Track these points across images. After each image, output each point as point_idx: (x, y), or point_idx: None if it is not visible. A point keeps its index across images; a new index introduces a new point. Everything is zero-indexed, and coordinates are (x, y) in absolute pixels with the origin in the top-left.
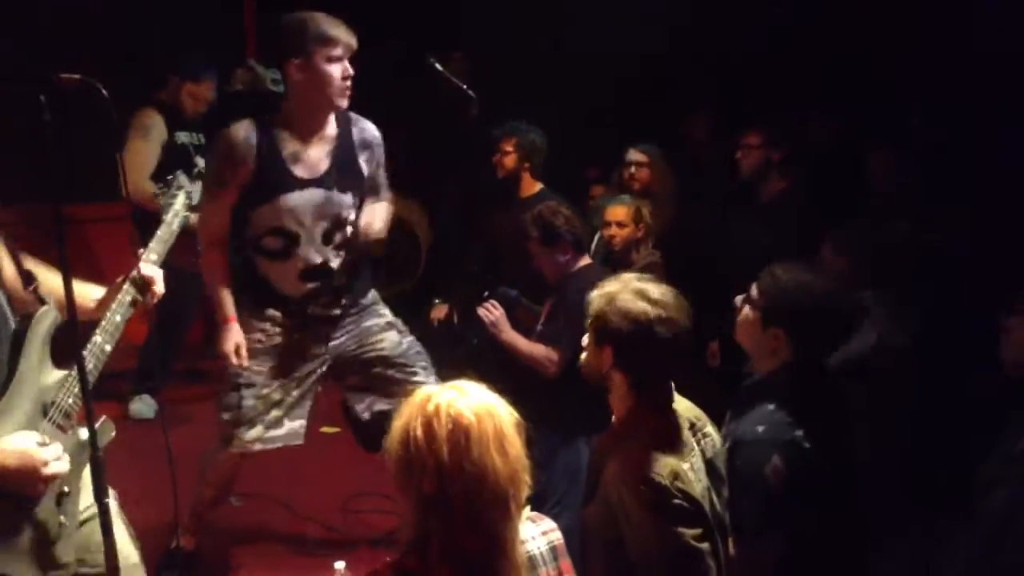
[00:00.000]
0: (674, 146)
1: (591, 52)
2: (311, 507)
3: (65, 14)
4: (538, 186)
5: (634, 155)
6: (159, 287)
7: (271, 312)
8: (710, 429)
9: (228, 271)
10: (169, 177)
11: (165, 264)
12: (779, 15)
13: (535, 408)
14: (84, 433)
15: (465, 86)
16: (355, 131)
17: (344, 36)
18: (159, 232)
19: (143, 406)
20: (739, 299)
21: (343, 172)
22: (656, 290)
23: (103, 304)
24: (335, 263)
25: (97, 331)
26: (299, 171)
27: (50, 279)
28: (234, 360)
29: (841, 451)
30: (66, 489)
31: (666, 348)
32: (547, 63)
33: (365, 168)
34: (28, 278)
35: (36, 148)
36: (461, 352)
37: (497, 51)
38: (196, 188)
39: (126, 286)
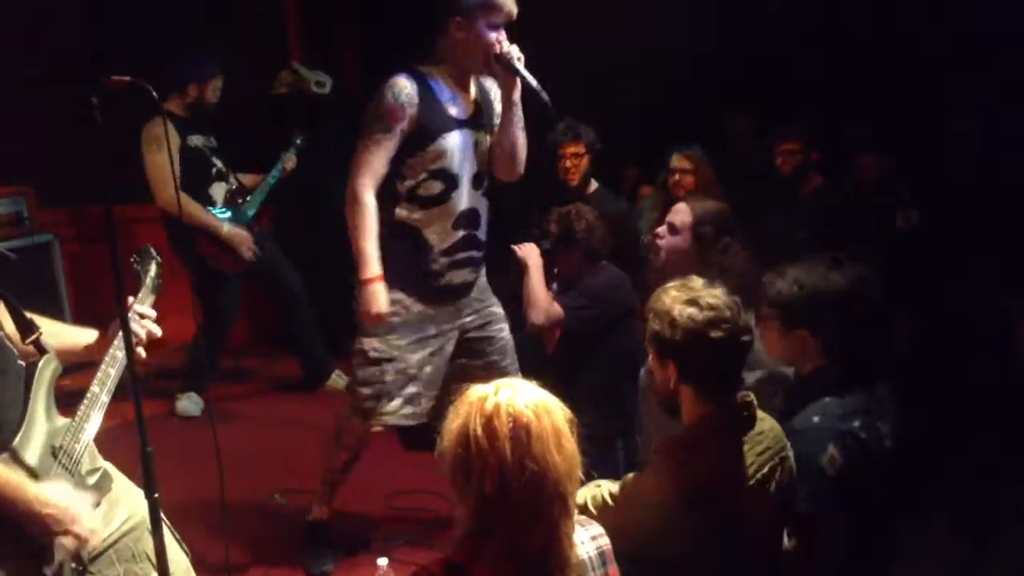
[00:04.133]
0: (715, 142)
1: (629, 52)
2: (352, 504)
3: (103, 17)
4: (595, 184)
5: (677, 161)
6: (154, 330)
7: (408, 283)
8: (788, 453)
9: (377, 225)
10: (141, 249)
11: (203, 268)
12: None
13: (579, 414)
14: (90, 480)
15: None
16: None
17: (508, 5)
18: (140, 295)
19: (189, 404)
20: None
21: (488, 115)
22: (706, 293)
23: (91, 351)
24: (481, 209)
25: (94, 382)
26: (455, 112)
27: (47, 328)
28: (380, 321)
29: (895, 442)
30: (75, 549)
31: (724, 349)
32: (585, 63)
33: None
34: (29, 328)
35: (85, 150)
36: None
37: (536, 51)
38: (220, 189)
39: (117, 341)
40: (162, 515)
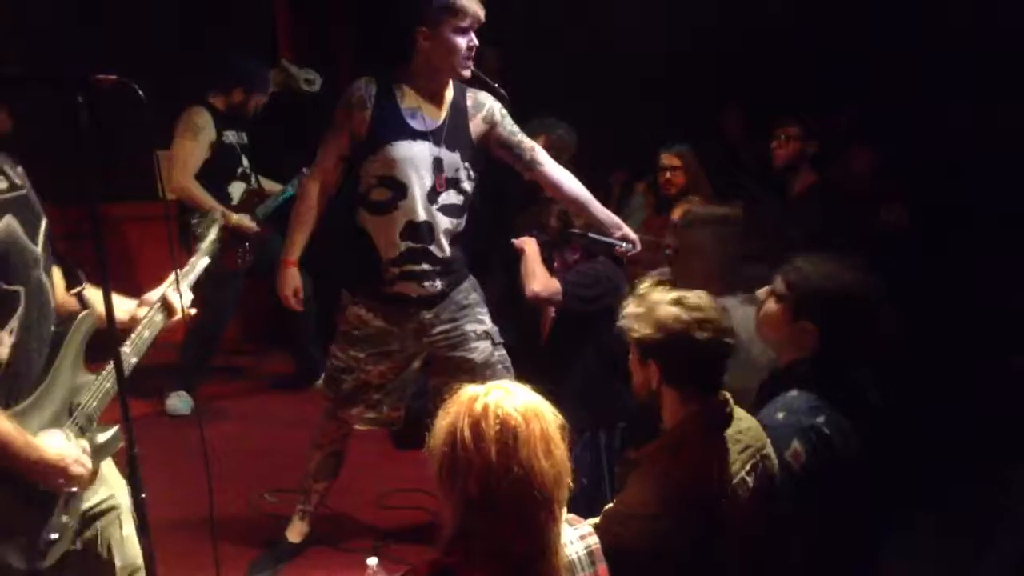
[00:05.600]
0: (707, 142)
1: (619, 51)
2: (344, 503)
3: (102, 13)
4: None
5: (667, 159)
6: (177, 314)
7: (369, 298)
8: (768, 451)
9: (313, 219)
10: (204, 213)
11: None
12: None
13: (564, 407)
14: (101, 437)
15: (497, 84)
16: (469, 95)
17: (472, 8)
18: (193, 260)
19: (179, 402)
20: (761, 292)
21: (455, 132)
22: (690, 295)
23: (135, 319)
24: (437, 225)
25: (127, 343)
26: (413, 123)
27: (90, 292)
28: (292, 304)
29: (864, 441)
30: (74, 489)
31: (708, 351)
32: (577, 61)
33: (479, 128)
34: (75, 280)
35: (74, 148)
36: None
37: (528, 49)
38: (239, 188)
39: (158, 304)
40: (131, 507)
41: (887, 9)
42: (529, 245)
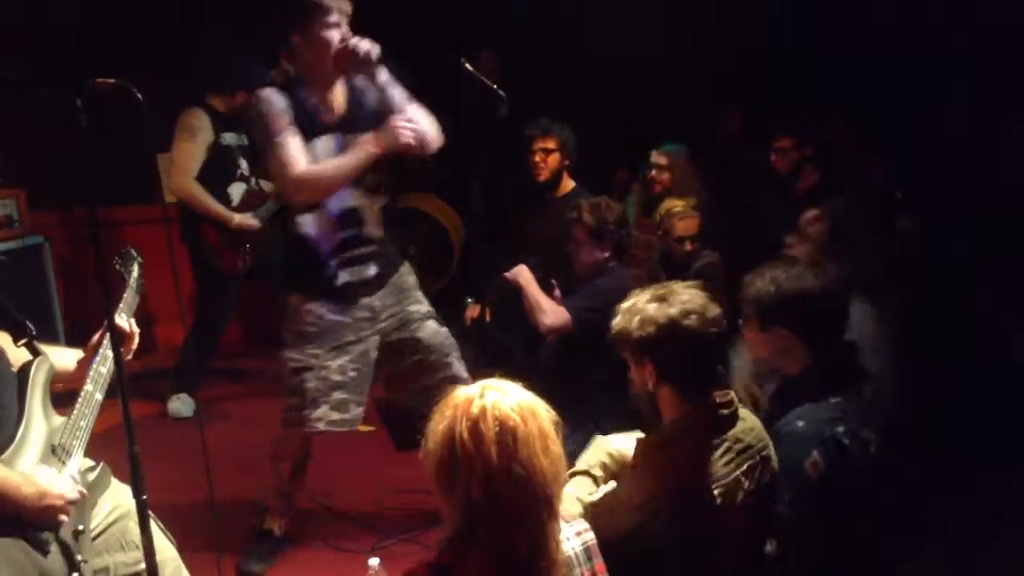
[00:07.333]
0: (706, 143)
1: (617, 52)
2: (346, 504)
3: (101, 14)
4: (572, 184)
5: (656, 158)
6: (134, 340)
7: (318, 295)
8: (769, 453)
9: None
10: (122, 251)
11: (206, 265)
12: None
13: (563, 405)
14: (90, 476)
15: (495, 85)
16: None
17: (335, 2)
18: (125, 296)
19: (181, 405)
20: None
21: (359, 112)
22: (676, 290)
23: (83, 363)
24: (365, 207)
25: (87, 380)
26: (323, 117)
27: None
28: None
29: (878, 448)
30: (80, 527)
31: (698, 340)
32: (574, 63)
33: (375, 97)
34: (21, 330)
35: (74, 152)
36: (492, 351)
37: (525, 51)
38: (239, 190)
39: (105, 340)
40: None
41: (886, 10)
42: (522, 276)
